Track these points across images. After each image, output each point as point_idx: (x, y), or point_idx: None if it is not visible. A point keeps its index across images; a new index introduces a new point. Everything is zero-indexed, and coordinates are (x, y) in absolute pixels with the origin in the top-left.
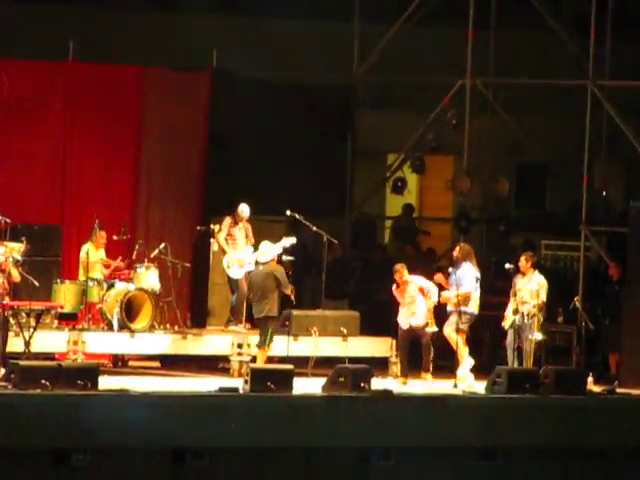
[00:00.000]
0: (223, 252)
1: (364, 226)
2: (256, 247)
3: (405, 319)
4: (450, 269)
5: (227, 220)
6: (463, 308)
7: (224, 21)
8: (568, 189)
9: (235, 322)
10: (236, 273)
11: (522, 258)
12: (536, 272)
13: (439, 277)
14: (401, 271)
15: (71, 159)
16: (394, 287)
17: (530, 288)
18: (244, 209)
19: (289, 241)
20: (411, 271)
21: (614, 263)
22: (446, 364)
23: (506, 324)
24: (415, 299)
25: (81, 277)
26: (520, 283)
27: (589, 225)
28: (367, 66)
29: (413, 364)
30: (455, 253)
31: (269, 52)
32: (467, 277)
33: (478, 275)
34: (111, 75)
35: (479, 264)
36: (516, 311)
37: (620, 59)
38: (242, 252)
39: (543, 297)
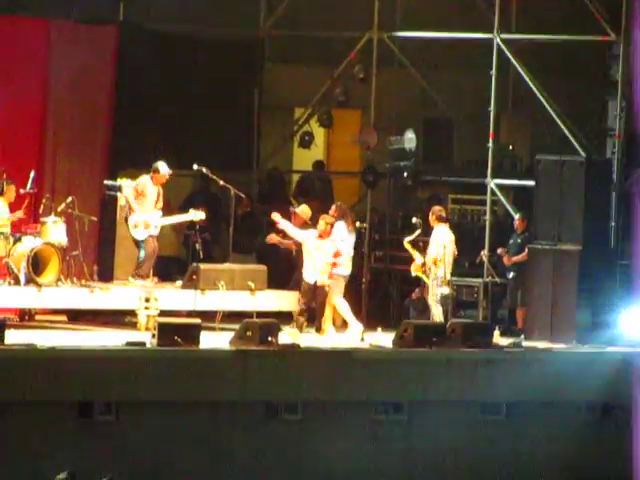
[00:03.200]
0: (131, 210)
1: (273, 181)
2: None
3: (312, 274)
4: None
5: (144, 178)
6: (336, 270)
7: None
8: (475, 143)
9: (142, 276)
10: (140, 234)
11: (429, 213)
12: (440, 226)
13: (272, 237)
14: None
15: None
16: (314, 235)
17: (435, 242)
18: (164, 169)
19: (198, 214)
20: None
21: (520, 216)
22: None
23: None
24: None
25: None
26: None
27: (495, 179)
28: (274, 20)
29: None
30: (331, 212)
31: (177, 5)
32: (336, 237)
33: (347, 235)
34: (16, 27)
35: (379, 222)
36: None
37: (526, 11)
38: (150, 214)
39: (433, 252)
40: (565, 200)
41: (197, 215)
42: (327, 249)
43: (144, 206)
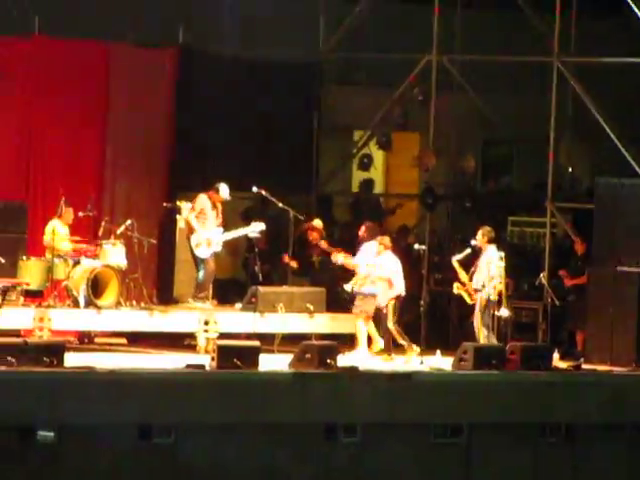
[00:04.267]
0: (191, 230)
1: (323, 203)
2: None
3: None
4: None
5: (202, 198)
6: (361, 289)
7: None
8: (534, 165)
9: (202, 299)
10: (204, 252)
11: (479, 233)
12: (491, 247)
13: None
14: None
15: (36, 135)
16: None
17: (484, 263)
18: (225, 192)
19: (258, 226)
20: None
21: (579, 239)
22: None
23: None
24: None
25: (47, 254)
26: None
27: (555, 201)
28: (334, 42)
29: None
30: (361, 232)
31: (236, 28)
32: (365, 256)
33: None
34: (77, 50)
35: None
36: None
37: (586, 35)
38: (211, 232)
39: (492, 272)
40: (625, 222)
41: (258, 227)
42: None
43: (205, 224)
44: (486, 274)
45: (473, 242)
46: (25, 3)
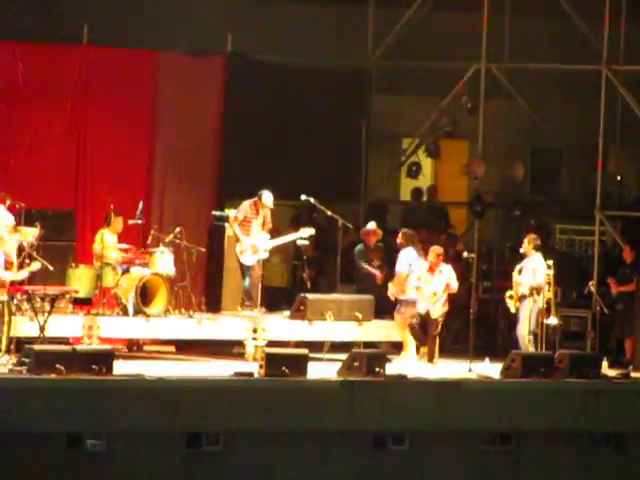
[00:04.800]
0: (237, 239)
1: (376, 210)
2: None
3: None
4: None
5: (245, 206)
6: (401, 296)
7: (240, 4)
8: (583, 174)
9: (250, 306)
10: (249, 259)
11: (525, 240)
12: (537, 254)
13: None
14: (440, 255)
15: (85, 143)
16: (425, 269)
17: (529, 269)
18: (269, 200)
19: (307, 232)
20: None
21: (628, 247)
22: (458, 347)
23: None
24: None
25: (96, 262)
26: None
27: (604, 210)
28: (382, 50)
29: None
30: (398, 239)
31: (284, 36)
32: (401, 260)
33: (416, 261)
34: (126, 59)
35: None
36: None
37: (634, 43)
38: (257, 238)
39: (539, 279)
40: None
41: (306, 232)
42: (439, 280)
43: (250, 231)
44: (532, 282)
45: (521, 250)
46: (73, 12)
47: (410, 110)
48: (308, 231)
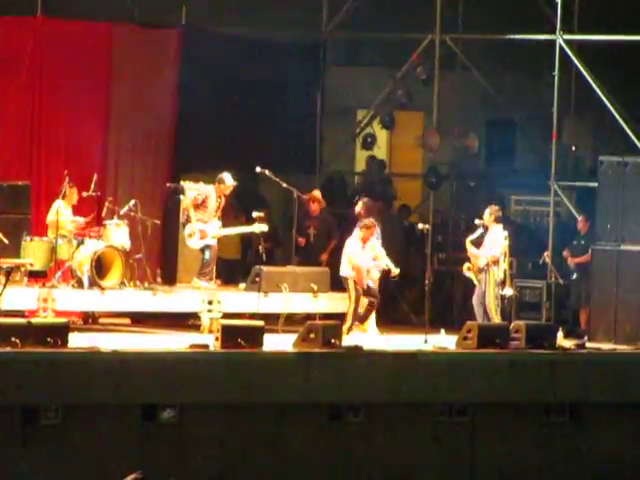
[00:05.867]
0: (188, 220)
1: (334, 183)
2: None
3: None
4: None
5: (209, 192)
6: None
7: None
8: (537, 144)
9: (207, 278)
10: (195, 244)
11: (486, 211)
12: (498, 226)
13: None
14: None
15: (40, 116)
16: (360, 244)
17: (489, 241)
18: (230, 182)
19: (260, 227)
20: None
21: (583, 217)
22: (413, 319)
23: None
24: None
25: (50, 234)
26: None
27: (558, 180)
28: (336, 22)
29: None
30: (357, 209)
31: (239, 8)
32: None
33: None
34: (80, 31)
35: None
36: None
37: (589, 13)
38: (208, 224)
39: (495, 252)
40: (628, 200)
41: (260, 227)
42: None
43: (205, 215)
44: (497, 252)
45: (477, 221)
46: None
47: (365, 82)
48: (261, 227)
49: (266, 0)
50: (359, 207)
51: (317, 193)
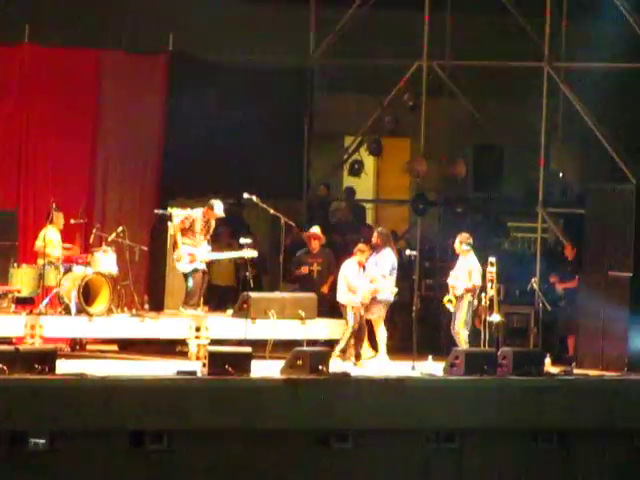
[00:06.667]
0: (176, 245)
1: (318, 209)
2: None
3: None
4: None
5: (197, 215)
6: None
7: (179, 3)
8: (525, 171)
9: (192, 306)
10: (184, 267)
11: (457, 240)
12: (470, 253)
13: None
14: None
15: (27, 143)
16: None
17: (464, 270)
18: (220, 210)
19: (249, 252)
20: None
21: (570, 244)
22: (401, 345)
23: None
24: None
25: (39, 260)
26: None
27: (546, 206)
28: (323, 49)
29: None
30: (374, 239)
31: (227, 35)
32: (385, 263)
33: (395, 261)
34: (68, 58)
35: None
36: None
37: (576, 41)
38: (198, 248)
39: (475, 281)
40: (615, 227)
41: (248, 253)
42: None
43: (193, 239)
44: (467, 284)
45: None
46: (14, 12)
47: (352, 108)
48: (250, 252)
49: (254, 26)
50: (375, 237)
51: (317, 230)
